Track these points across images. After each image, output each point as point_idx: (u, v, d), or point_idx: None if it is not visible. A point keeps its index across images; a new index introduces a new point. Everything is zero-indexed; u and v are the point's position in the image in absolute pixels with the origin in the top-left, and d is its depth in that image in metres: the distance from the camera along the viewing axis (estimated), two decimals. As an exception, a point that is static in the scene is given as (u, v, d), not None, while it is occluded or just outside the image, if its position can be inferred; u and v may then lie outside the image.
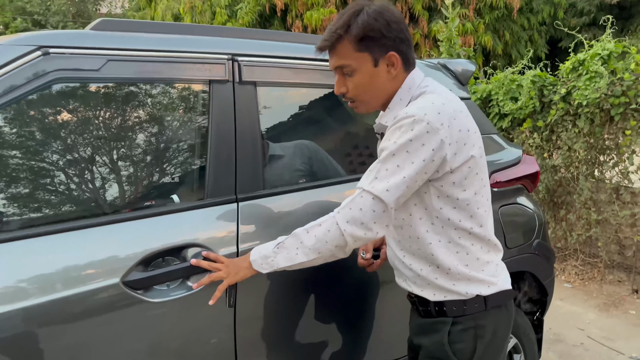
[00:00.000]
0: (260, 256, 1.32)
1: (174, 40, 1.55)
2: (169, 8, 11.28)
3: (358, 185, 1.23)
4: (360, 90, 1.28)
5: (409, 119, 1.18)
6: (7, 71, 1.27)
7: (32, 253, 1.24)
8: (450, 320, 1.30)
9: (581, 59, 3.66)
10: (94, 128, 1.44)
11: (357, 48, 1.24)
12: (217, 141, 1.53)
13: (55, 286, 1.23)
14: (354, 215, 1.20)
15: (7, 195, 1.29)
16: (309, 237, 1.25)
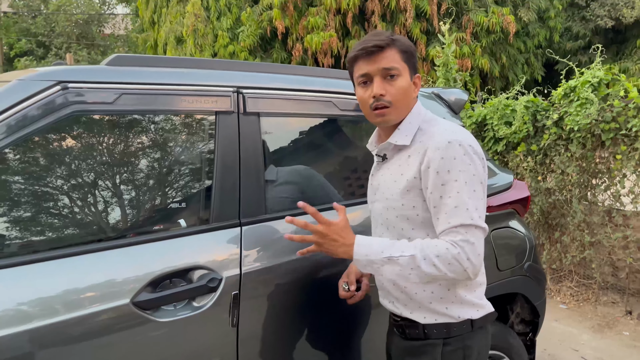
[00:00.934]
0: (366, 259, 1.32)
1: (182, 74, 1.65)
2: (172, 30, 11.49)
3: (462, 222, 1.25)
4: (399, 95, 1.35)
5: (457, 144, 1.28)
6: (30, 104, 1.37)
7: (54, 274, 1.32)
8: (441, 342, 1.36)
9: (572, 86, 3.78)
10: (109, 157, 1.53)
11: (402, 58, 1.36)
12: (222, 169, 1.63)
13: (71, 306, 1.31)
14: (474, 250, 1.25)
15: (30, 220, 1.38)
16: (426, 265, 1.25)
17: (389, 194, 1.40)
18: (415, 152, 1.35)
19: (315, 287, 1.73)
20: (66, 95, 1.42)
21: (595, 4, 13.10)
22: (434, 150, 1.29)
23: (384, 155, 1.45)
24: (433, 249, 1.26)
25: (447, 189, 1.27)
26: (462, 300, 1.37)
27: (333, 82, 1.96)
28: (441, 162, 1.27)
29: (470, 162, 1.28)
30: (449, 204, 1.26)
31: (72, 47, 18.87)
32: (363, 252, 1.32)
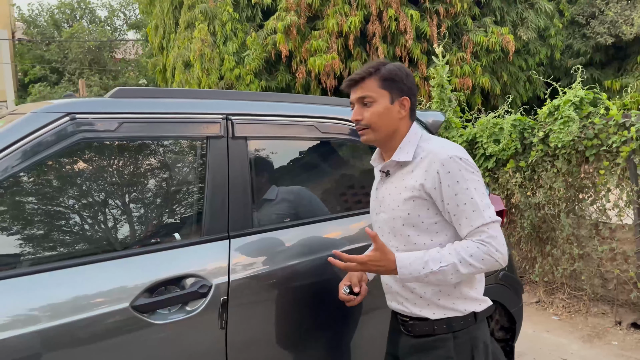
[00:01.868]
0: (410, 277, 1.47)
1: (177, 104, 1.86)
2: (179, 55, 11.85)
3: (483, 222, 1.46)
4: (374, 118, 1.56)
5: (457, 158, 1.49)
6: (42, 133, 1.58)
7: (63, 281, 1.51)
8: (451, 335, 1.53)
9: (556, 105, 3.95)
10: (112, 178, 1.74)
11: (381, 85, 1.56)
12: (213, 187, 1.82)
13: (77, 309, 1.50)
14: (499, 241, 1.46)
15: (39, 236, 1.58)
16: (463, 267, 1.44)
17: (394, 205, 1.57)
18: (417, 166, 1.54)
19: (299, 293, 1.90)
20: (74, 125, 1.63)
21: (595, 22, 13.30)
22: (439, 166, 1.48)
23: (387, 172, 1.64)
24: (466, 250, 1.44)
25: (461, 197, 1.47)
26: (466, 295, 1.56)
27: (315, 108, 2.16)
28: (449, 175, 1.48)
29: (472, 171, 1.51)
30: (466, 210, 1.47)
31: (85, 72, 19.42)
32: (406, 272, 1.47)
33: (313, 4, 10.18)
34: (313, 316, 1.93)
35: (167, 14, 12.96)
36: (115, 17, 25.39)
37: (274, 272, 1.84)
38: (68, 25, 22.46)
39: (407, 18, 10.16)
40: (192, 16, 11.48)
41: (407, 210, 1.54)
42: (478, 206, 1.47)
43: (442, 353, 1.52)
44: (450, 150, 1.51)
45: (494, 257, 1.44)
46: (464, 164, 1.50)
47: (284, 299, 1.86)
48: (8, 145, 1.53)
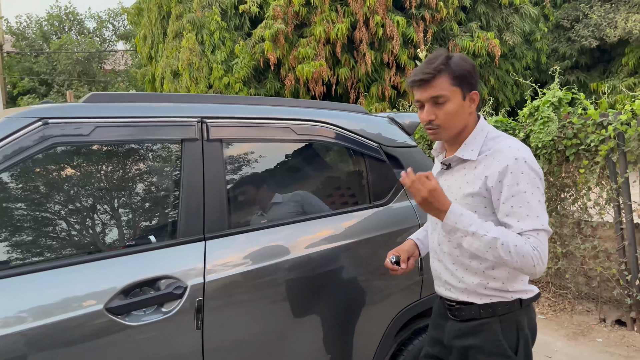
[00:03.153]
0: (453, 225, 1.47)
1: (151, 108, 1.88)
2: (168, 65, 11.88)
3: (534, 227, 1.44)
4: (448, 118, 1.54)
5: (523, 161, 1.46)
6: (15, 138, 1.60)
7: (40, 283, 1.52)
8: (497, 319, 1.56)
9: (536, 105, 4.01)
10: (86, 182, 1.75)
11: (453, 82, 1.52)
12: (188, 190, 1.84)
13: (52, 312, 1.50)
14: (544, 251, 1.44)
15: (13, 239, 1.59)
16: (503, 250, 1.42)
17: (452, 197, 1.58)
18: (481, 164, 1.54)
19: (276, 293, 1.92)
20: (47, 130, 1.64)
21: (580, 25, 13.48)
22: (503, 165, 1.47)
23: (448, 164, 1.65)
24: (513, 239, 1.43)
25: (518, 200, 1.46)
26: (510, 289, 1.57)
27: (291, 110, 2.19)
28: (511, 176, 1.46)
29: (535, 176, 1.48)
30: (520, 212, 1.46)
31: (74, 84, 19.38)
32: (453, 219, 1.47)
33: (300, 11, 10.25)
34: (290, 317, 1.94)
35: (155, 24, 13.00)
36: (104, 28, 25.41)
37: (250, 273, 1.85)
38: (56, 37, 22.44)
39: (394, 24, 10.25)
40: (180, 26, 11.52)
41: (465, 205, 1.55)
42: (533, 211, 1.45)
43: (490, 336, 1.56)
44: (517, 152, 1.49)
45: (534, 260, 1.42)
46: (528, 167, 1.47)
47: (260, 300, 1.88)
48: (-20, 151, 1.54)
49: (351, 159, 2.34)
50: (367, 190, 2.31)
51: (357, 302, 2.12)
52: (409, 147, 2.49)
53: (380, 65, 10.80)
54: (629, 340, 3.71)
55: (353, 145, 2.28)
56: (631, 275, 3.71)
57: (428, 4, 10.62)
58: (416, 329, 2.34)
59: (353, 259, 2.13)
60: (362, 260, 2.15)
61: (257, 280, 1.88)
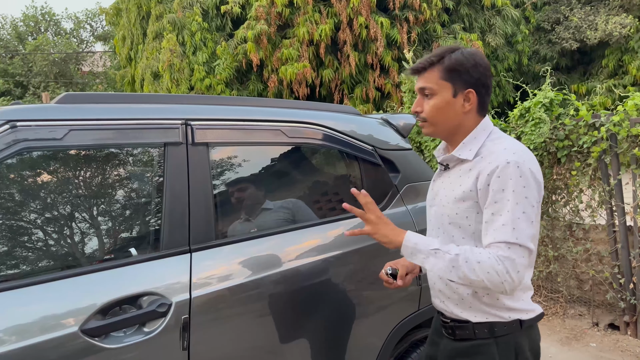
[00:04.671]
0: (413, 247, 1.40)
1: (131, 110, 1.73)
2: (148, 66, 11.64)
3: (507, 239, 1.31)
4: (433, 112, 1.46)
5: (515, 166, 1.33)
6: (-22, 143, 1.44)
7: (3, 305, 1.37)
8: (493, 341, 1.43)
9: (527, 107, 3.94)
10: (58, 191, 1.60)
11: (443, 77, 1.44)
12: (172, 198, 1.69)
13: (21, 334, 1.35)
14: (514, 266, 1.30)
15: (-25, 254, 1.43)
16: (467, 267, 1.32)
17: (445, 201, 1.49)
18: (475, 166, 1.42)
19: (267, 308, 1.79)
20: (15, 134, 1.49)
21: (560, 28, 13.60)
22: (494, 168, 1.36)
23: (446, 165, 1.54)
24: (477, 255, 1.32)
25: (499, 207, 1.34)
26: (507, 306, 1.44)
27: (281, 112, 2.06)
28: (497, 180, 1.34)
29: (524, 185, 1.33)
30: (498, 221, 1.33)
31: (50, 85, 18.92)
32: (413, 240, 1.41)
33: (283, 12, 10.13)
34: (282, 332, 1.81)
35: (135, 25, 12.74)
36: (82, 28, 24.90)
37: (239, 287, 1.72)
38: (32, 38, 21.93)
39: (377, 25, 10.19)
40: (160, 26, 11.31)
41: (456, 210, 1.45)
42: (511, 222, 1.32)
43: (485, 359, 1.43)
44: (511, 156, 1.36)
45: (501, 277, 1.29)
46: (519, 174, 1.34)
47: (250, 315, 1.74)
48: (-61, 157, 1.38)
49: (345, 163, 2.22)
50: (361, 196, 2.18)
51: (353, 315, 2.00)
52: (404, 149, 2.38)
53: (364, 66, 10.73)
54: (622, 344, 3.65)
55: (347, 148, 2.16)
56: (624, 278, 3.66)
57: (412, 5, 10.59)
58: (414, 340, 2.23)
59: (347, 269, 2.00)
60: (356, 270, 2.03)
61: (247, 293, 1.74)
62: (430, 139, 4.83)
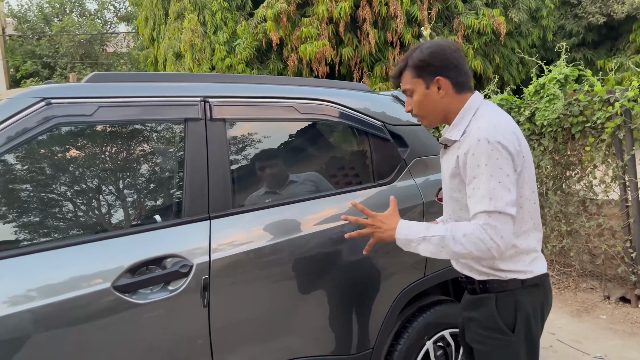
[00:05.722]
0: (405, 238, 1.57)
1: (154, 88, 1.87)
2: (170, 47, 11.80)
3: (485, 209, 1.44)
4: (418, 107, 1.63)
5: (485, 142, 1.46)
6: (18, 118, 1.60)
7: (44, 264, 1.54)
8: (494, 296, 1.60)
9: (541, 83, 3.97)
10: (90, 162, 1.75)
11: (413, 75, 1.61)
12: (192, 170, 1.84)
13: (60, 290, 1.52)
14: (497, 233, 1.43)
15: (21, 220, 1.60)
16: (454, 243, 1.47)
17: (445, 177, 1.68)
18: (463, 144, 1.55)
19: (281, 271, 1.93)
20: (50, 110, 1.64)
21: (587, 1, 13.26)
22: (469, 146, 1.50)
23: (445, 145, 1.69)
24: (461, 229, 1.47)
25: (476, 182, 1.48)
26: (504, 269, 1.58)
27: (294, 89, 2.17)
28: (472, 157, 1.49)
29: (497, 157, 1.46)
30: (477, 194, 1.48)
31: (76, 66, 19.30)
32: (404, 232, 1.57)
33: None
34: (295, 295, 1.96)
35: (157, 5, 12.88)
36: (105, 9, 25.19)
37: (255, 252, 1.86)
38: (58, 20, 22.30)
39: (397, 2, 10.12)
40: (182, 6, 11.42)
41: (451, 185, 1.63)
42: (488, 193, 1.45)
43: (486, 311, 1.61)
44: (483, 133, 1.48)
45: (486, 244, 1.44)
46: (491, 148, 1.45)
47: (265, 279, 1.89)
48: (-16, 131, 1.54)
49: (355, 138, 2.33)
50: (371, 170, 2.30)
51: (361, 280, 2.13)
52: (413, 125, 2.47)
53: (384, 44, 10.69)
54: (632, 317, 3.72)
55: (357, 124, 2.27)
56: (636, 252, 3.71)
57: (432, -19, 10.46)
58: (421, 305, 2.36)
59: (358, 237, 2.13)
60: (366, 238, 2.15)
61: (262, 258, 1.89)
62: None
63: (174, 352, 1.70)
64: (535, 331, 1.62)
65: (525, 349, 1.59)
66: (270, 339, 1.91)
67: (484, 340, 1.62)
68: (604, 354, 3.22)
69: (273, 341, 1.92)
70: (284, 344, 1.94)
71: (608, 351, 3.26)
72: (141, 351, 1.65)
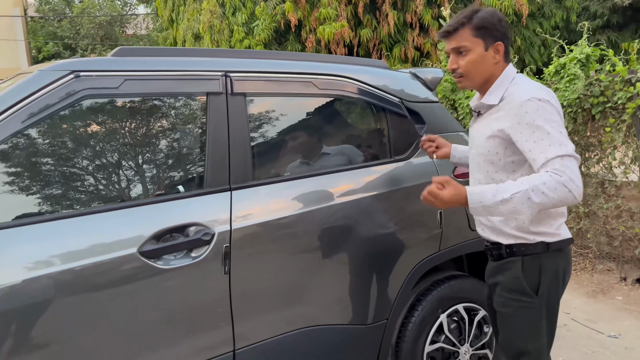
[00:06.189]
0: (481, 205, 1.52)
1: (177, 62, 1.92)
2: (189, 28, 11.84)
3: (558, 153, 1.47)
4: (469, 67, 1.66)
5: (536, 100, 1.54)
6: (48, 90, 1.66)
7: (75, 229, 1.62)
8: (520, 259, 1.66)
9: (562, 63, 3.93)
10: (116, 134, 1.82)
11: (474, 34, 1.64)
12: (214, 142, 1.89)
13: (89, 254, 1.60)
14: (574, 173, 1.46)
15: (51, 187, 1.68)
16: (536, 195, 1.45)
17: (479, 142, 1.72)
18: (502, 109, 1.63)
19: (297, 242, 1.99)
20: (78, 82, 1.71)
21: (612, -18, 12.91)
22: (518, 107, 1.56)
23: (479, 112, 1.76)
24: (538, 179, 1.46)
25: (538, 134, 1.52)
26: (534, 231, 1.65)
27: (313, 65, 2.21)
28: (526, 115, 1.54)
29: (552, 112, 1.54)
30: (543, 144, 1.51)
31: (97, 48, 19.50)
32: (477, 199, 1.53)
33: (321, -29, 10.04)
34: (313, 265, 2.02)
35: (176, -14, 12.90)
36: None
37: (274, 223, 1.92)
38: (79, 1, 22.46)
39: (417, -17, 9.98)
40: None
41: (488, 148, 1.68)
42: (555, 141, 1.50)
43: (512, 273, 1.68)
44: (530, 92, 1.57)
45: (567, 186, 1.44)
46: (542, 104, 1.54)
47: (283, 249, 1.95)
48: (18, 102, 1.62)
49: (372, 114, 2.36)
50: (387, 145, 2.33)
51: (377, 253, 2.18)
52: (431, 102, 2.50)
53: (403, 26, 10.58)
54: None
55: (374, 100, 2.30)
56: (654, 234, 3.69)
57: (453, -39, 10.28)
58: (435, 280, 2.40)
59: (373, 211, 2.17)
60: (382, 212, 2.20)
61: (281, 229, 1.95)
62: (465, 97, 4.87)
63: (195, 317, 1.78)
64: (555, 295, 1.69)
65: (546, 312, 1.66)
66: (289, 307, 1.98)
67: (507, 302, 1.69)
68: (618, 333, 3.24)
69: (292, 308, 1.98)
70: (303, 311, 2.01)
71: (622, 331, 3.28)
72: (164, 315, 1.72)
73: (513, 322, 1.69)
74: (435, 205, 1.59)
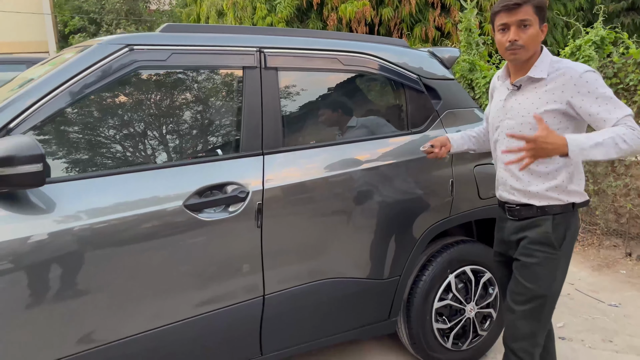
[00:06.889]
0: (578, 148, 1.66)
1: (217, 38, 2.14)
2: (213, 4, 12.01)
3: (625, 113, 1.70)
4: (530, 40, 1.82)
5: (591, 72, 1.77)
6: (107, 61, 1.90)
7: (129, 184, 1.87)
8: (551, 217, 1.87)
9: (578, 45, 4.05)
10: (165, 102, 2.06)
11: (535, 11, 1.82)
12: (249, 111, 2.12)
13: (146, 203, 1.86)
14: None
15: (113, 147, 1.93)
16: (621, 142, 1.65)
17: (525, 113, 1.86)
18: (552, 82, 1.81)
19: (323, 204, 2.22)
20: (132, 55, 1.94)
21: (640, -38, 12.64)
22: (578, 78, 1.75)
23: (519, 85, 1.91)
24: (619, 130, 1.67)
25: (602, 100, 1.73)
26: (571, 190, 1.86)
27: (338, 42, 2.41)
28: (587, 84, 1.74)
29: (603, 81, 1.77)
30: (608, 108, 1.72)
31: (122, 23, 19.76)
32: (575, 144, 1.67)
33: (344, -52, 10.08)
34: (336, 225, 2.25)
35: (200, -38, 13.02)
36: (149, -34, 25.37)
37: (302, 184, 2.16)
38: (103, -24, 22.66)
39: (440, -38, 9.96)
40: (225, -36, 11.53)
41: (545, 118, 1.80)
42: (617, 103, 1.72)
43: (542, 229, 1.88)
44: (584, 66, 1.78)
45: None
46: (597, 75, 1.77)
47: (311, 207, 2.19)
48: (82, 70, 1.86)
49: (392, 89, 2.56)
50: (405, 118, 2.54)
51: (394, 216, 2.40)
52: (447, 79, 2.68)
53: (424, 5, 10.60)
54: (652, 273, 3.90)
55: (394, 76, 2.50)
56: (660, 212, 3.84)
57: (478, -60, 10.22)
58: (446, 243, 2.62)
59: (391, 178, 2.39)
60: (399, 179, 2.41)
61: (307, 191, 2.18)
62: (482, 77, 5.00)
63: (231, 264, 2.03)
64: (572, 248, 1.94)
65: (563, 263, 1.91)
66: (312, 260, 2.22)
67: (532, 253, 1.90)
68: (619, 302, 3.43)
69: (315, 261, 2.23)
70: (325, 264, 2.25)
71: (623, 301, 3.47)
72: (204, 261, 1.98)
73: (537, 269, 1.89)
74: (535, 152, 1.69)
